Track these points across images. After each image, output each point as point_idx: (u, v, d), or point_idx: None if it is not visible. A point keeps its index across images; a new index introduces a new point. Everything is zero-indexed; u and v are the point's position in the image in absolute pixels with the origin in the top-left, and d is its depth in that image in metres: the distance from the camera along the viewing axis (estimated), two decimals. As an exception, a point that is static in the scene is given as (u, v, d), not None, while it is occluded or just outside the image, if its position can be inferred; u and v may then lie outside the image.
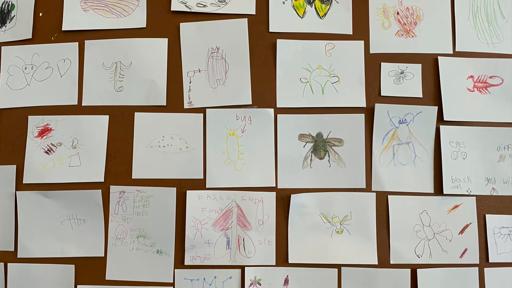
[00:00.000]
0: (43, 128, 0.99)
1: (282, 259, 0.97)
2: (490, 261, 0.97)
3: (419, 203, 0.98)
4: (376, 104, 0.98)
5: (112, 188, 0.97)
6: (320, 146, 0.99)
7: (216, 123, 0.99)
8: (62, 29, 1.00)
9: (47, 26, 1.01)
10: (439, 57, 1.00)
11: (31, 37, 1.01)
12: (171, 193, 0.97)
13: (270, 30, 1.00)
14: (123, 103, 0.99)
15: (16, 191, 0.97)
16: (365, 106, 0.99)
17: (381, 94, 1.00)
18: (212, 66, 1.00)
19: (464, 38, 1.01)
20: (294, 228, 0.97)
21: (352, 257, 0.97)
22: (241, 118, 0.99)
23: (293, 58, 1.00)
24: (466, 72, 1.01)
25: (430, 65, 1.01)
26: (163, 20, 1.01)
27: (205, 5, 1.01)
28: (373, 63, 1.00)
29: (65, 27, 1.00)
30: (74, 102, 1.00)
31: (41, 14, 1.01)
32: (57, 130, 0.99)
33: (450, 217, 0.98)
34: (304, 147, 0.99)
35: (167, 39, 1.00)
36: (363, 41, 1.01)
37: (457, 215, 0.98)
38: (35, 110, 0.99)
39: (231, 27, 1.00)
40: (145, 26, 1.00)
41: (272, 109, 0.99)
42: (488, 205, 0.99)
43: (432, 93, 1.00)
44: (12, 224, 0.97)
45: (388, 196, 0.98)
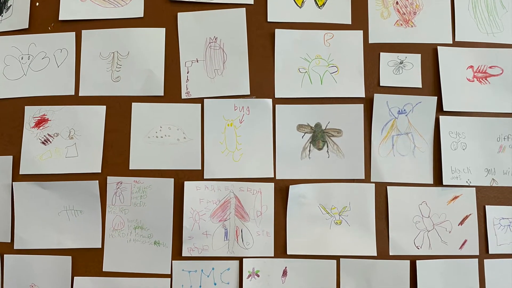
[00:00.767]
0: (39, 118, 0.98)
1: (280, 250, 0.96)
2: (490, 252, 0.97)
3: (419, 194, 0.98)
4: (375, 94, 0.97)
5: (109, 179, 0.96)
6: (319, 136, 0.99)
7: (214, 113, 0.98)
8: (59, 19, 1.00)
9: (44, 16, 1.00)
10: (438, 47, 1.00)
11: (27, 27, 1.00)
12: (168, 184, 0.96)
13: (268, 20, 1.00)
14: (121, 93, 0.99)
15: (13, 182, 0.96)
16: (364, 96, 0.99)
17: (380, 84, 0.99)
18: (210, 56, 0.99)
19: (464, 28, 1.01)
20: (292, 219, 0.97)
21: (351, 249, 0.96)
22: (239, 109, 0.98)
23: (291, 48, 0.99)
24: (466, 62, 1.00)
25: (429, 55, 1.00)
26: (161, 10, 1.00)
27: (203, -5, 1.00)
28: (372, 53, 1.00)
29: (62, 16, 1.00)
30: (71, 92, 0.99)
31: (37, 4, 1.01)
32: (54, 120, 0.98)
33: (449, 208, 0.97)
34: (302, 137, 0.99)
35: (164, 29, 0.99)
36: (362, 31, 1.00)
37: (457, 206, 0.98)
38: (31, 101, 0.99)
39: (229, 17, 0.99)
40: (142, 15, 1.00)
41: (271, 100, 0.98)
42: (488, 196, 0.98)
43: (432, 83, 1.00)
44: (9, 215, 0.96)
45: (387, 187, 0.97)
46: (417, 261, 0.95)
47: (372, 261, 0.96)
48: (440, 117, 0.98)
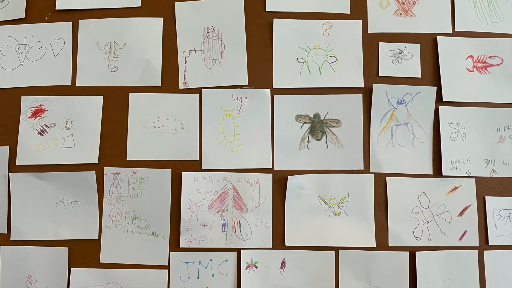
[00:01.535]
0: (36, 108, 0.97)
1: (278, 241, 0.96)
2: (489, 243, 0.96)
3: (418, 185, 0.97)
4: (374, 84, 0.97)
5: (107, 169, 0.96)
6: (318, 127, 0.98)
7: (212, 103, 0.97)
8: (56, 8, 0.99)
9: (41, 5, 1.00)
10: (438, 37, 0.99)
11: (24, 17, 0.99)
12: (166, 174, 0.96)
13: (266, 9, 0.99)
14: (118, 83, 0.98)
15: (9, 173, 0.96)
16: (363, 86, 0.98)
17: (379, 74, 0.98)
18: (208, 45, 0.99)
19: (464, 17, 1.00)
20: (291, 210, 0.96)
21: (349, 240, 0.95)
22: (237, 99, 0.98)
23: (290, 38, 0.99)
24: (466, 52, 0.99)
25: (429, 45, 0.99)
26: (158, -1, 0.99)
27: (200, -16, 0.99)
28: (371, 43, 0.99)
29: (58, 6, 0.99)
30: (68, 82, 0.98)
31: (34, -7, 1.00)
32: (50, 110, 0.97)
33: (449, 199, 0.97)
34: (301, 128, 0.98)
35: (162, 18, 0.99)
36: (361, 21, 0.99)
37: (457, 197, 0.97)
38: (28, 91, 0.98)
39: (227, 6, 0.98)
40: (140, 5, 0.99)
41: (269, 90, 0.98)
42: (488, 186, 0.98)
43: (431, 73, 0.99)
44: (5, 206, 0.96)
45: (387, 177, 0.97)
46: (416, 252, 0.95)
47: (371, 252, 0.95)
48: (440, 107, 0.98)
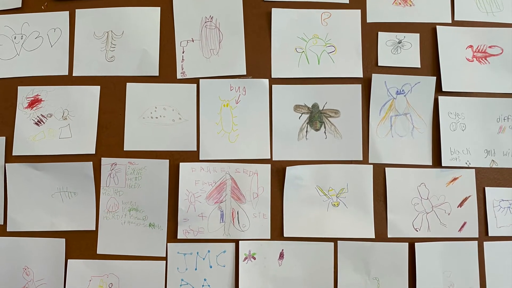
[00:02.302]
0: (33, 99, 0.97)
1: (277, 232, 0.95)
2: (489, 234, 0.96)
3: (417, 176, 0.96)
4: (373, 74, 0.96)
5: (104, 160, 0.95)
6: (316, 117, 0.97)
7: (209, 93, 0.97)
8: (53, -2, 0.99)
9: (37, -5, 0.99)
10: (437, 26, 0.98)
11: (20, 6, 0.99)
12: (163, 165, 0.95)
13: (264, -1, 0.99)
14: (115, 73, 0.97)
15: (5, 163, 0.95)
16: (362, 76, 0.97)
17: (378, 64, 0.98)
18: (206, 35, 0.98)
19: (463, 7, 0.99)
20: (289, 201, 0.95)
21: (348, 231, 0.95)
22: (235, 89, 0.97)
23: (288, 28, 0.98)
24: (465, 42, 0.99)
25: (428, 35, 0.99)
26: (156, -11, 0.99)
27: (198, -26, 0.99)
28: (370, 32, 0.99)
29: (55, -5, 0.99)
30: (65, 72, 0.97)
31: (30, -18, 1.00)
32: (47, 101, 0.97)
33: (448, 190, 0.96)
34: (299, 118, 0.97)
35: (159, 8, 0.98)
36: (360, 10, 0.99)
37: (456, 188, 0.96)
38: (25, 81, 0.97)
39: (225, -4, 0.98)
40: (137, -6, 0.99)
41: (267, 80, 0.97)
42: (488, 177, 0.97)
43: (431, 63, 0.98)
44: (1, 197, 0.95)
45: (386, 168, 0.96)
46: (415, 243, 0.94)
47: (370, 243, 0.94)
48: (439, 97, 0.97)
